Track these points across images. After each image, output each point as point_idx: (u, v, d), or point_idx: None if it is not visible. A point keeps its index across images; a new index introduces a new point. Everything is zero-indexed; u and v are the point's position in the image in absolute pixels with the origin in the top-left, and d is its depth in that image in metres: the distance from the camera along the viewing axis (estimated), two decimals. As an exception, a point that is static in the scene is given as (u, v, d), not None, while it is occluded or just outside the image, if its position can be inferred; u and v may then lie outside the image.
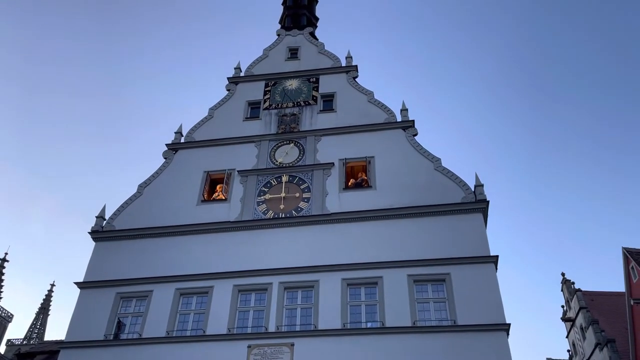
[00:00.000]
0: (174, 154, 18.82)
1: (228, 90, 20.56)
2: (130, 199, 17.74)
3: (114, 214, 17.43)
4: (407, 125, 17.89)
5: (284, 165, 17.60)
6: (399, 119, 18.19)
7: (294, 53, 21.44)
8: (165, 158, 18.78)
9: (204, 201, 17.24)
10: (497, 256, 14.41)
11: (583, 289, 27.97)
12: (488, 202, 15.57)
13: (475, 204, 15.51)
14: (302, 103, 19.29)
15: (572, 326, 28.21)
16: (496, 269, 14.38)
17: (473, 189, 15.97)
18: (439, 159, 16.90)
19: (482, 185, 15.94)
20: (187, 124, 19.79)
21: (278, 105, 19.39)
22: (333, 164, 17.29)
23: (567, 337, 29.01)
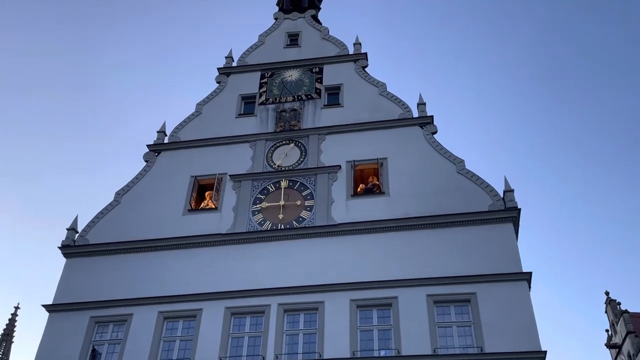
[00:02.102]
0: (157, 156, 18.84)
1: (218, 82, 20.59)
2: (106, 208, 17.75)
3: (88, 225, 17.45)
4: (425, 122, 17.87)
5: (283, 168, 17.63)
6: (415, 114, 18.17)
7: (293, 39, 21.52)
8: (146, 161, 18.80)
9: (191, 210, 17.28)
10: (530, 273, 14.43)
11: (631, 310, 27.79)
12: (519, 210, 15.54)
13: (505, 213, 15.50)
14: (304, 97, 19.34)
15: (618, 353, 28.15)
16: (529, 287, 14.39)
17: (502, 195, 15.94)
18: (462, 161, 16.88)
19: (513, 191, 15.91)
20: (171, 122, 19.88)
21: (276, 99, 19.44)
22: (340, 166, 17.30)
23: (612, 366, 28.92)
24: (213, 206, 17.29)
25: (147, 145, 19.00)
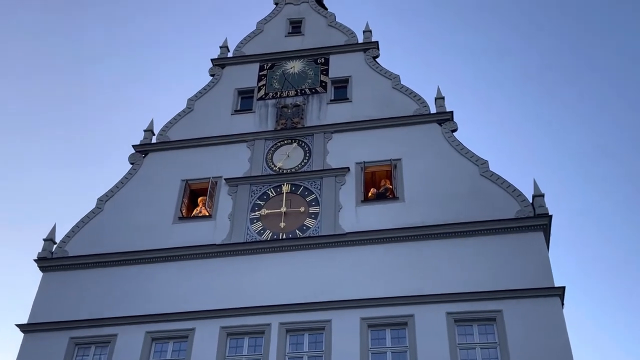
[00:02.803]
0: (143, 157, 18.58)
1: (212, 75, 20.37)
2: (87, 216, 17.46)
3: (67, 235, 17.15)
4: (444, 118, 17.52)
5: (285, 171, 17.36)
6: (433, 110, 17.87)
7: (296, 27, 21.31)
8: (132, 163, 18.55)
9: (181, 219, 17.00)
10: (563, 287, 14.08)
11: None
12: (551, 217, 15.17)
13: (535, 220, 15.13)
14: (308, 91, 19.10)
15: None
16: (562, 304, 14.07)
17: (531, 200, 15.57)
18: (485, 162, 16.50)
19: (543, 196, 15.56)
20: (160, 120, 19.50)
21: (276, 94, 19.21)
22: (348, 169, 16.97)
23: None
24: (206, 214, 17.00)
25: (133, 146, 18.75)
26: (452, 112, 17.52)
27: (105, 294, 15.79)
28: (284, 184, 17.04)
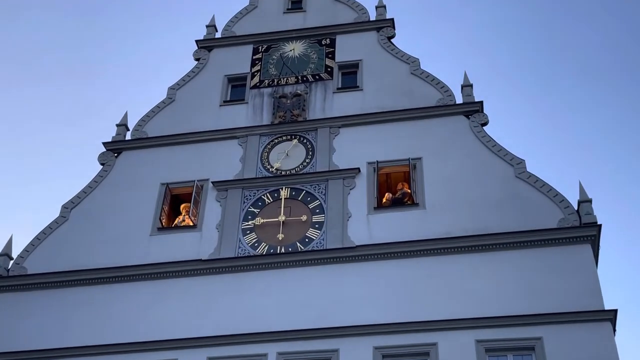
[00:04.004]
0: (116, 157, 18.22)
1: (197, 59, 20.01)
2: (49, 226, 17.02)
3: (26, 250, 16.70)
4: (473, 110, 17.10)
5: (284, 172, 16.97)
6: (459, 99, 17.45)
7: (296, 2, 20.94)
8: (102, 164, 18.16)
9: (161, 229, 16.58)
10: (615, 310, 13.54)
11: None
12: (600, 226, 14.71)
13: (581, 230, 14.64)
14: (311, 78, 18.70)
15: None
16: (614, 330, 13.50)
17: (576, 207, 15.11)
18: (522, 161, 16.05)
19: (590, 201, 15.12)
20: (135, 112, 19.70)
21: (273, 81, 18.86)
22: (358, 170, 16.50)
23: None
24: (190, 223, 16.60)
25: (104, 143, 18.38)
26: (481, 102, 17.14)
27: (70, 319, 15.39)
28: (282, 188, 16.66)
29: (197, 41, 20.04)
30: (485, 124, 16.80)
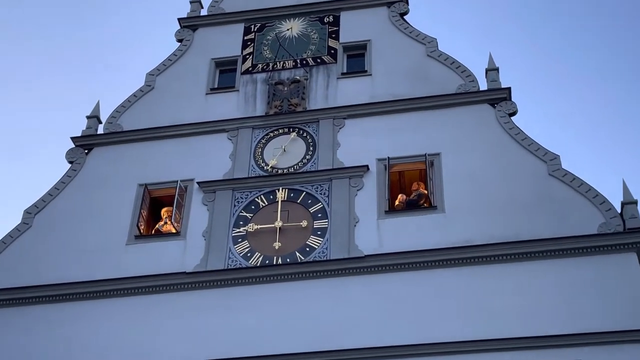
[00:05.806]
0: (87, 154, 17.55)
1: (179, 40, 19.33)
2: (9, 235, 16.20)
3: None
4: (499, 97, 16.37)
5: (280, 171, 16.33)
6: (483, 86, 16.76)
7: None
8: (70, 162, 17.38)
9: (139, 237, 15.84)
10: None
11: None
12: None
13: (625, 236, 13.82)
14: (311, 61, 18.06)
15: None
16: None
17: (619, 210, 14.32)
18: (556, 157, 15.26)
19: (636, 203, 14.35)
20: (109, 101, 18.68)
21: (268, 65, 18.26)
22: (367, 167, 15.78)
23: None
24: (173, 230, 15.87)
25: (72, 138, 17.59)
26: (509, 89, 16.37)
27: (32, 342, 14.40)
28: (278, 190, 15.83)
29: (179, 19, 19.30)
30: (513, 113, 16.07)
